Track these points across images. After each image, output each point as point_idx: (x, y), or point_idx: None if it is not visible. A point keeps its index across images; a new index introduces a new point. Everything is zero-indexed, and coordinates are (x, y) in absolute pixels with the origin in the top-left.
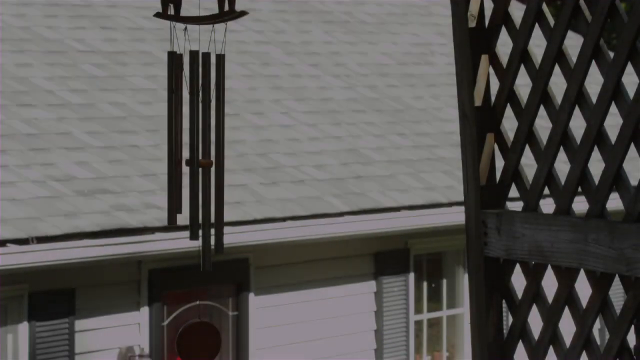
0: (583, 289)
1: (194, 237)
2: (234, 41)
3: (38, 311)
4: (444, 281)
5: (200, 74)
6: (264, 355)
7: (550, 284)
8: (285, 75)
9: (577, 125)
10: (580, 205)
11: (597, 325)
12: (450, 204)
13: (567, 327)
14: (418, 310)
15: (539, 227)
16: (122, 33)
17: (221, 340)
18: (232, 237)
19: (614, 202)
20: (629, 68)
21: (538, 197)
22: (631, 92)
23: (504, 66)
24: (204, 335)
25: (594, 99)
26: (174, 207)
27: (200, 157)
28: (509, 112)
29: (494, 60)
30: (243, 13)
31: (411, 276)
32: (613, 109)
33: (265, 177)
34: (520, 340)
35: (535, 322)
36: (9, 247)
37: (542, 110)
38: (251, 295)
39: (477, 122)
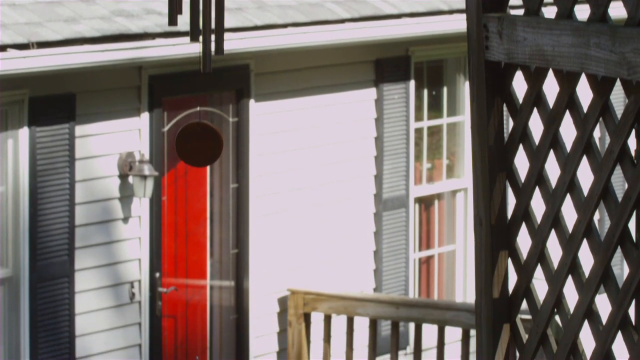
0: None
1: (194, 39)
2: None
3: (38, 116)
4: (445, 89)
5: None
6: (264, 161)
7: (550, 92)
8: None
9: None
10: (582, 13)
11: (597, 132)
12: (452, 12)
13: (567, 133)
14: (418, 118)
15: (540, 30)
16: None
17: (222, 142)
18: (232, 43)
19: (616, 11)
20: None
21: (540, 1)
22: None
23: None
24: (204, 138)
25: None
26: (174, 7)
27: None
28: None
29: None
30: None
31: (411, 83)
32: None
33: None
34: (521, 144)
35: (535, 128)
36: (9, 52)
37: None
38: (251, 102)
39: None
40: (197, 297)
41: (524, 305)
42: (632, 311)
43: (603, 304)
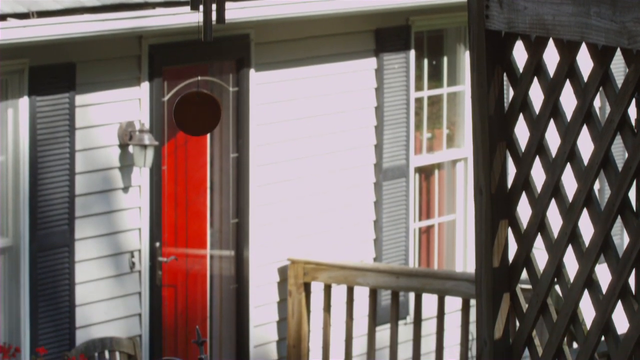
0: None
1: (194, 8)
2: None
3: (38, 86)
4: (445, 58)
5: None
6: (264, 130)
7: (551, 61)
8: None
9: None
10: None
11: (597, 102)
12: None
13: (567, 102)
14: (418, 88)
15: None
16: None
17: (221, 110)
18: (233, 12)
19: None
20: None
21: None
22: None
23: None
24: (202, 107)
25: None
26: None
27: None
28: None
29: None
30: None
31: (412, 53)
32: None
33: None
34: (521, 114)
35: (535, 97)
36: (9, 21)
37: None
38: (252, 71)
39: None
40: (197, 266)
41: (524, 274)
42: (632, 280)
43: (603, 274)
